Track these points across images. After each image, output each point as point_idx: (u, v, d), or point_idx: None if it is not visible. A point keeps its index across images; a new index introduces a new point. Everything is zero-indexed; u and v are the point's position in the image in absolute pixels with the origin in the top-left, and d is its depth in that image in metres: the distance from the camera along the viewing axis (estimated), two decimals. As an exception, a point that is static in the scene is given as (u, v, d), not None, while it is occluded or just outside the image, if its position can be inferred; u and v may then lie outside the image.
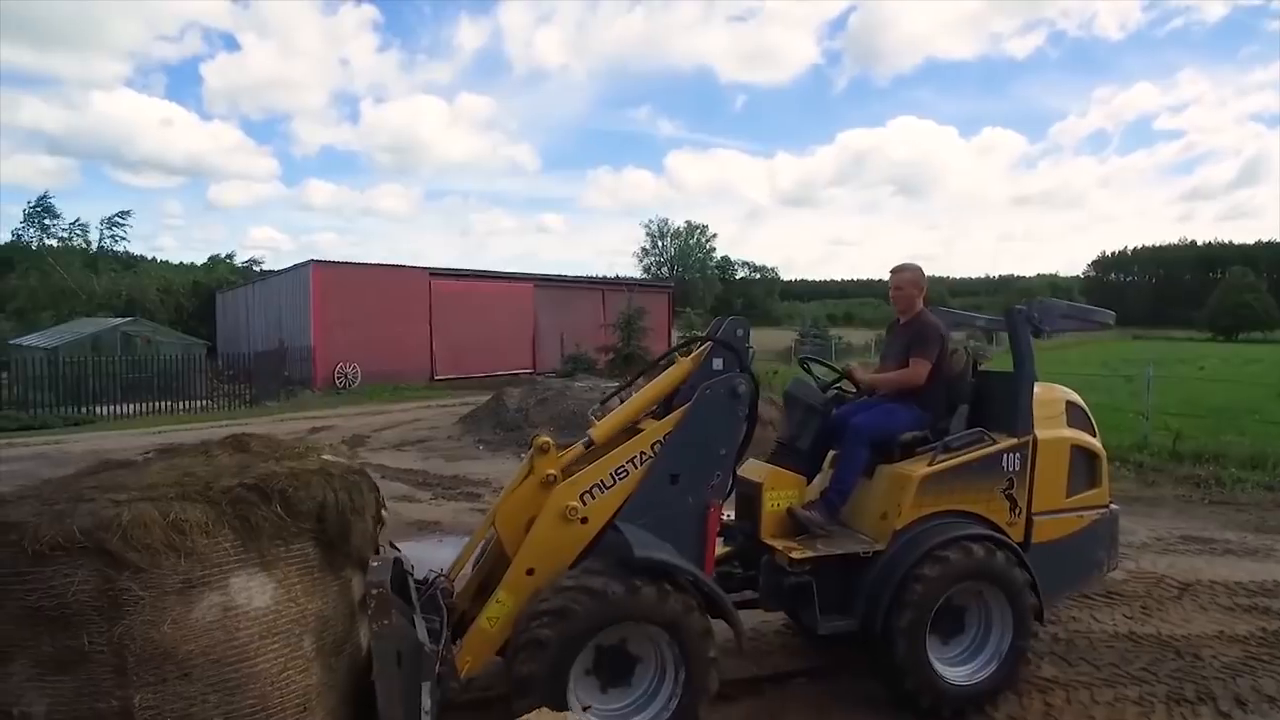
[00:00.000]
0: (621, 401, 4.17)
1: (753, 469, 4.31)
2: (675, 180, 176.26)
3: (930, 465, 4.08)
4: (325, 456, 3.34)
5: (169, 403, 19.19)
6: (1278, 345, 62.37)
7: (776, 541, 4.06)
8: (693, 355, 4.08)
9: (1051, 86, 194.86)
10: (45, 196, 34.34)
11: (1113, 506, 4.55)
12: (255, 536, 2.81)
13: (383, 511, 3.48)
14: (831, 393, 4.68)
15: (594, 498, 3.65)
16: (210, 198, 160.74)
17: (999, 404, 4.37)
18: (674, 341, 21.28)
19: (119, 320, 25.65)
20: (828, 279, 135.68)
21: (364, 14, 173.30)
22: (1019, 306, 4.50)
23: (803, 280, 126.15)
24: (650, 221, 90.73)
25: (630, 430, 3.91)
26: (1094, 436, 4.56)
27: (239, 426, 16.21)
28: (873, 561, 3.97)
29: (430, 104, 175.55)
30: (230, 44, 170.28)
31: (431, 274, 26.86)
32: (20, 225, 33.40)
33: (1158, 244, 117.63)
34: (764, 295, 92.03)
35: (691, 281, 78.84)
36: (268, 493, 2.87)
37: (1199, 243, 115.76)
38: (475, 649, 3.56)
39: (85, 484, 2.93)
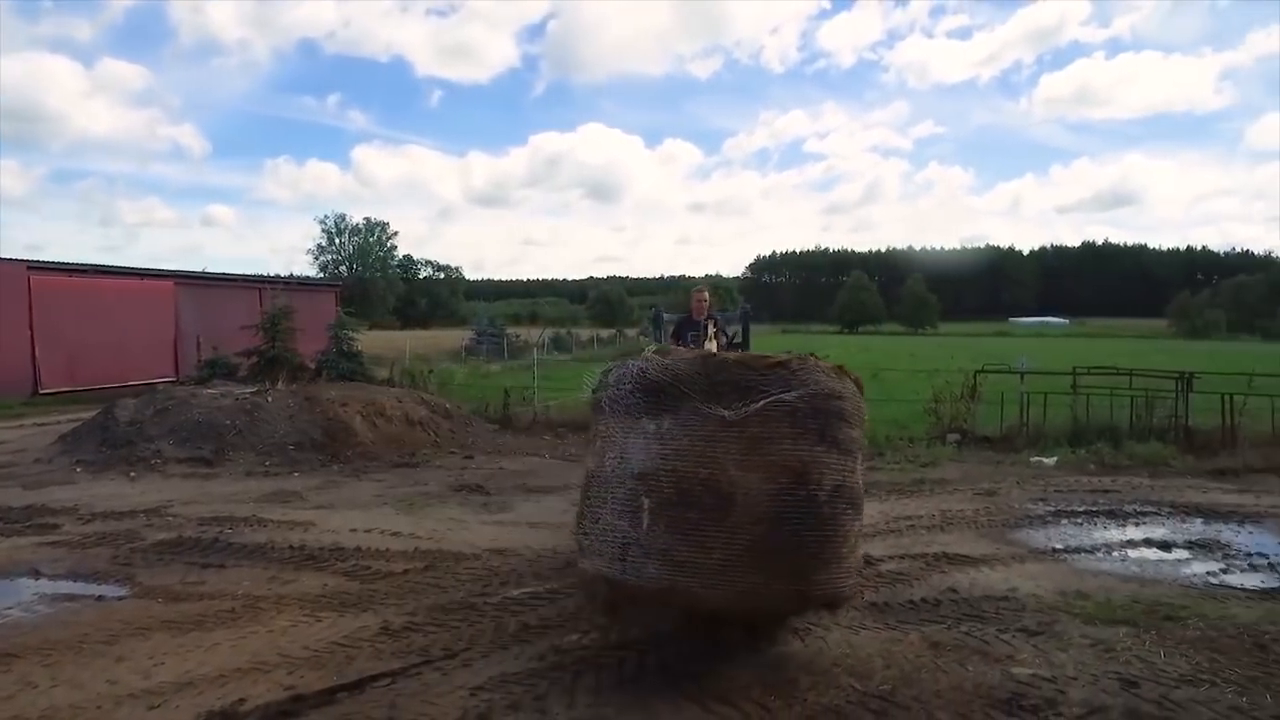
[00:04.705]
0: None
1: None
2: (364, 175, 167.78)
3: None
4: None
5: None
6: (886, 336, 75.74)
7: None
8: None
9: (725, 106, 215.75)
10: None
11: None
12: (862, 430, 4.02)
13: None
14: None
15: None
16: None
17: None
18: (335, 340, 19.78)
19: None
20: (516, 279, 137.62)
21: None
22: (745, 307, 7.27)
23: (489, 280, 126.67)
24: (326, 217, 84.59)
25: None
26: None
27: None
28: None
29: (61, 65, 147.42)
30: None
31: (31, 268, 22.39)
32: None
33: (800, 250, 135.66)
34: (449, 295, 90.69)
35: (371, 281, 75.15)
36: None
37: (831, 250, 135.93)
38: None
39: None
